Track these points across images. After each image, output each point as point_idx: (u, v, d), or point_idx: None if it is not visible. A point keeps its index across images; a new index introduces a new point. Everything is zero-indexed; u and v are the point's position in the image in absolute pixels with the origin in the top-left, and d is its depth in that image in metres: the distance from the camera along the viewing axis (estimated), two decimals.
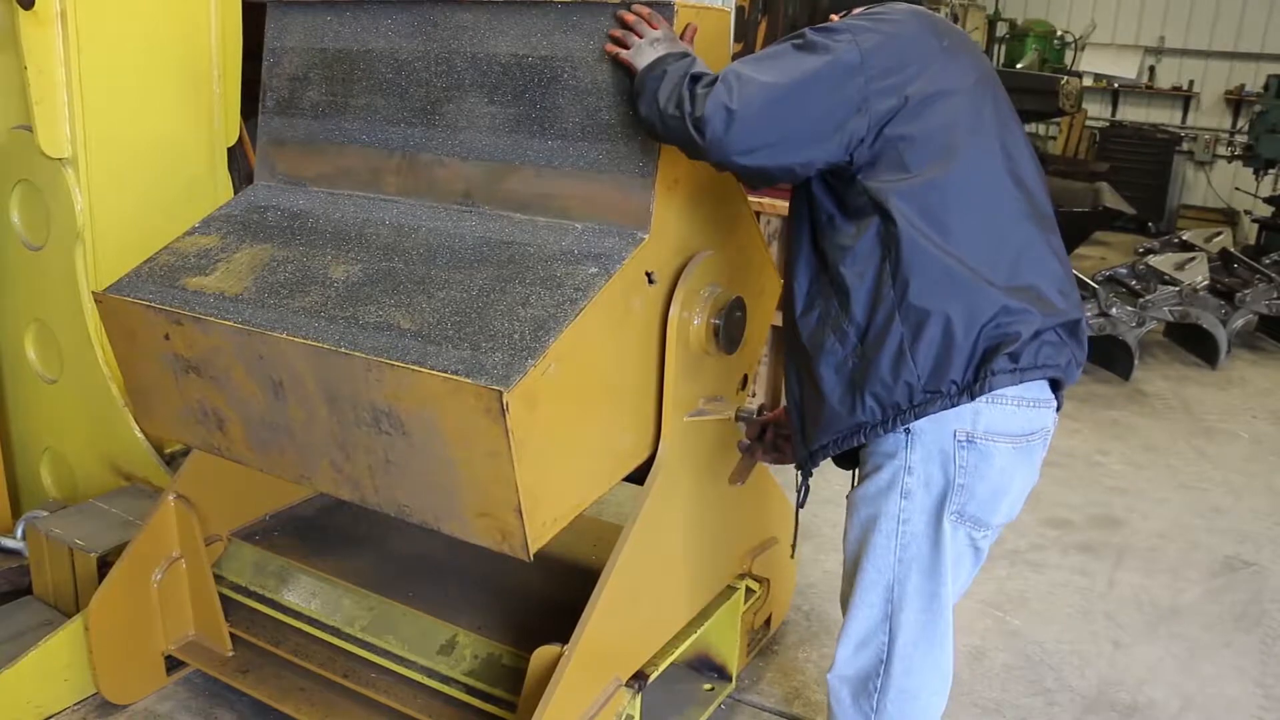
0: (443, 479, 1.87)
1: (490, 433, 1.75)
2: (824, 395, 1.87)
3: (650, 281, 2.07)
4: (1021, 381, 1.78)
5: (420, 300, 2.00)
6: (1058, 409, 1.92)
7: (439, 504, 1.91)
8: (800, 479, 2.11)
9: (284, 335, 2.00)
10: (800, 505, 2.20)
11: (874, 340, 1.80)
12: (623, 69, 1.98)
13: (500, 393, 1.71)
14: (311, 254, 2.26)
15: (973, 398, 1.76)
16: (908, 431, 1.82)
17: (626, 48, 1.96)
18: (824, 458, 1.95)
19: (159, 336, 2.22)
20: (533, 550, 1.84)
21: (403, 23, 2.30)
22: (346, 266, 2.17)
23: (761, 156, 1.80)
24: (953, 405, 1.77)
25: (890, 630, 1.94)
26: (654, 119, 1.87)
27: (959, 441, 1.80)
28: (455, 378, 1.77)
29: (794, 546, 2.47)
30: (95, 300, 2.36)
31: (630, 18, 1.98)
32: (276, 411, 2.09)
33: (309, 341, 1.97)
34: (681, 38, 1.99)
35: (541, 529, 1.86)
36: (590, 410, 1.98)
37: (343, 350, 1.92)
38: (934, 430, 1.81)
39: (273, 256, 2.29)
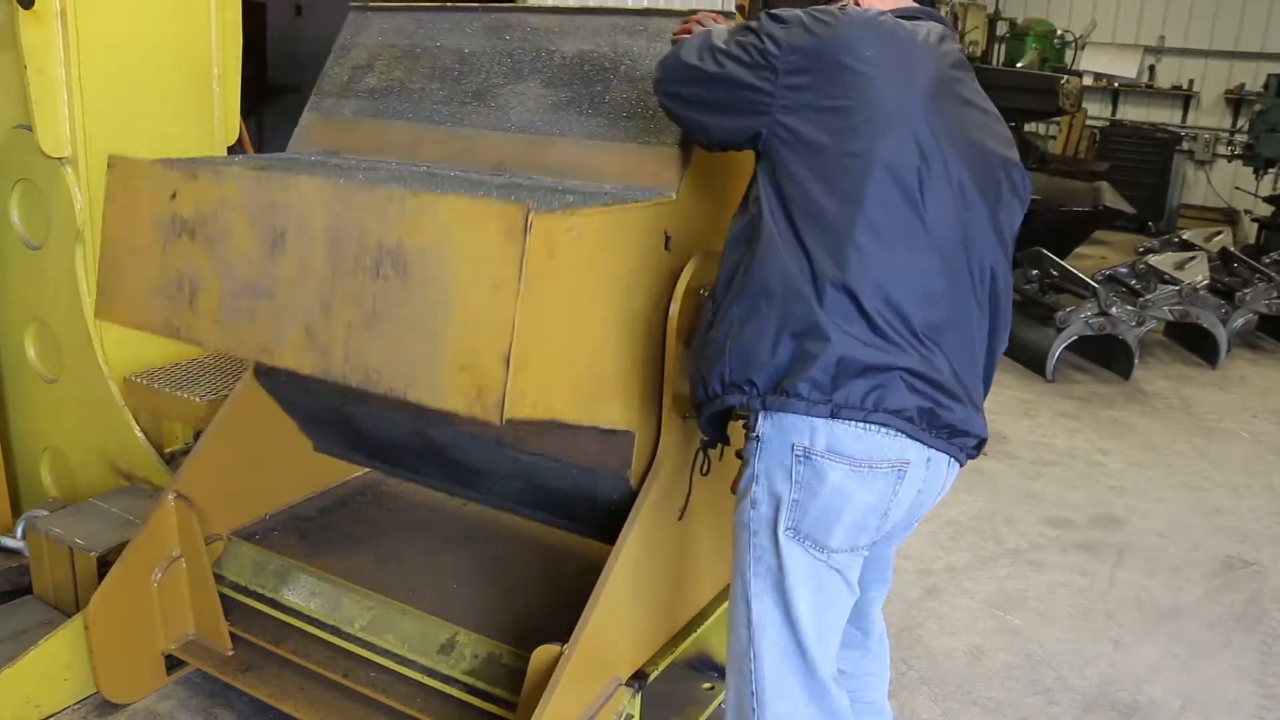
0: (431, 326, 1.81)
1: (504, 256, 1.70)
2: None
3: (667, 246, 2.09)
4: (836, 418, 1.71)
5: (447, 189, 2.04)
6: (960, 463, 1.85)
7: (416, 361, 1.83)
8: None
9: (304, 176, 2.01)
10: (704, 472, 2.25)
11: (718, 321, 1.85)
12: None
13: (527, 210, 1.69)
14: (338, 171, 2.31)
15: (764, 408, 1.75)
16: (757, 439, 1.81)
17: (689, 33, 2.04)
18: (712, 430, 1.99)
19: (164, 196, 2.19)
20: (506, 414, 1.72)
21: (478, 26, 2.38)
22: (371, 175, 2.24)
23: (681, 107, 1.94)
24: (748, 403, 1.78)
25: (755, 653, 1.87)
26: None
27: (797, 455, 1.76)
28: (481, 200, 1.79)
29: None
30: (109, 163, 2.28)
31: (698, 17, 2.08)
32: (265, 271, 2.04)
33: (330, 179, 1.99)
34: None
35: (520, 397, 1.75)
36: (588, 323, 1.96)
37: (365, 186, 1.93)
38: (778, 440, 1.78)
39: (296, 164, 2.35)
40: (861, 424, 1.72)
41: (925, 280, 1.76)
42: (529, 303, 1.71)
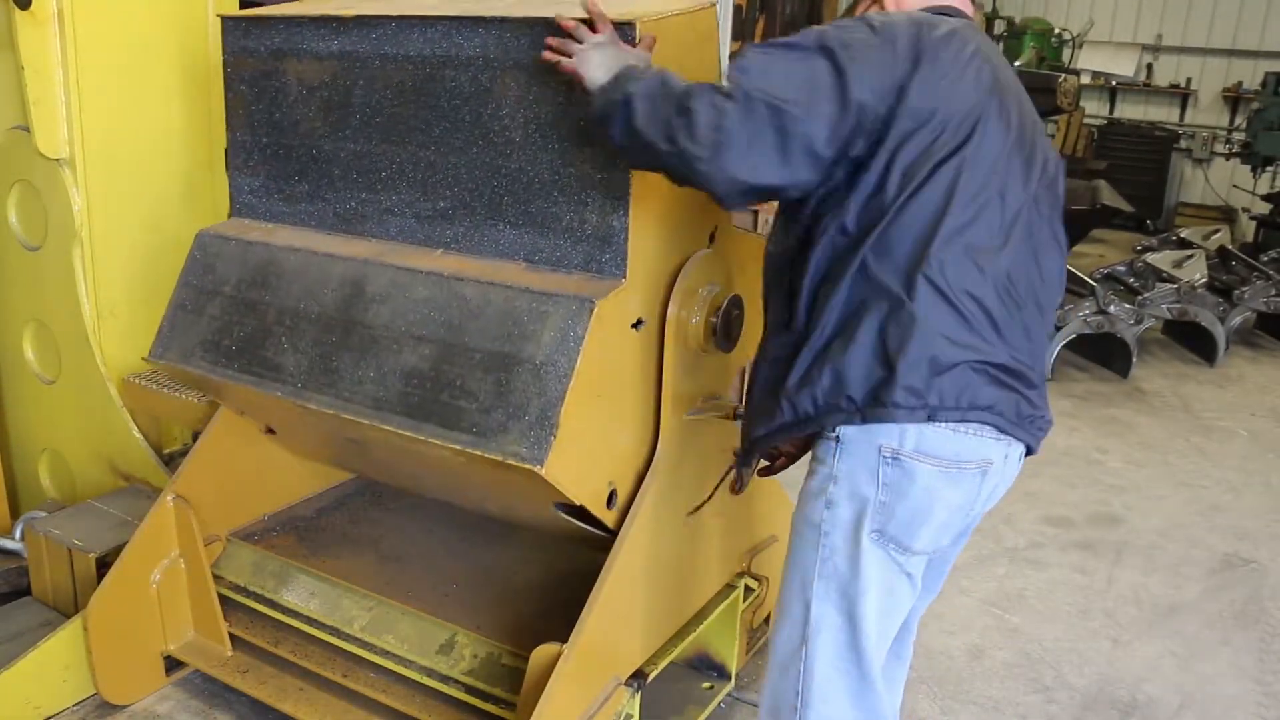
0: None
1: None
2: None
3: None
4: (933, 420, 1.69)
5: None
6: (1034, 450, 1.85)
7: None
8: None
9: None
10: None
11: (803, 346, 1.79)
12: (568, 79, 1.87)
13: None
14: None
15: (864, 421, 1.71)
16: (838, 440, 1.76)
17: (568, 56, 1.84)
18: (761, 450, 1.98)
19: None
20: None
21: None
22: None
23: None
24: (849, 422, 1.73)
25: (808, 653, 1.83)
26: (636, 147, 1.76)
27: (884, 458, 1.73)
28: None
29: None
30: None
31: (569, 24, 1.86)
32: None
33: None
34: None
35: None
36: None
37: None
38: (863, 442, 1.74)
39: None
40: (957, 424, 1.70)
41: (991, 264, 1.72)
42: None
